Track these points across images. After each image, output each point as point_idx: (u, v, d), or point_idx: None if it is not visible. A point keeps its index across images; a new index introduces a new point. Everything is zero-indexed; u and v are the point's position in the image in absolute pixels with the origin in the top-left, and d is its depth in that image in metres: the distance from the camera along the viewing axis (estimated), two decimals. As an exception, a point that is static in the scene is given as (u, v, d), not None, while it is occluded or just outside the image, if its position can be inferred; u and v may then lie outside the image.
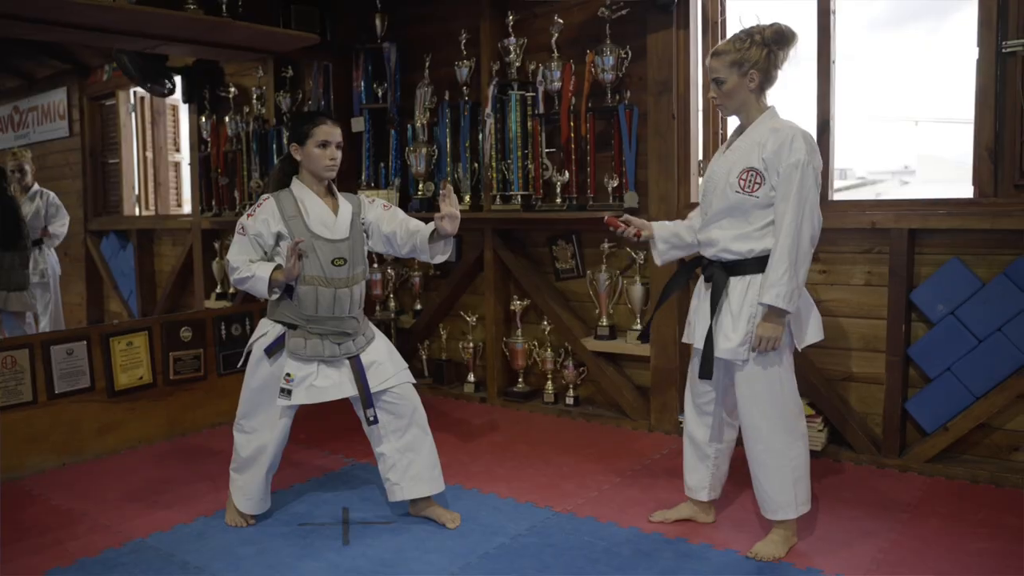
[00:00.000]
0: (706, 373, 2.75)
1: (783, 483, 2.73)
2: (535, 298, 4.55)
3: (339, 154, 2.94)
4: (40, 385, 3.76)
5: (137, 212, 7.11)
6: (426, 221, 2.97)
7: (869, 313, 3.65)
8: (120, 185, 7.12)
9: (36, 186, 5.75)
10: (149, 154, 7.05)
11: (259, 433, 3.02)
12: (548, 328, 4.51)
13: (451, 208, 2.83)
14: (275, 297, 2.89)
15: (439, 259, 2.99)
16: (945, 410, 3.47)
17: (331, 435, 4.12)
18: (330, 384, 2.92)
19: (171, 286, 6.52)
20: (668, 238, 2.98)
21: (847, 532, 2.91)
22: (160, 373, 4.20)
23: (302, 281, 2.85)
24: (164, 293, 6.61)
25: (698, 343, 2.81)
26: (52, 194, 5.76)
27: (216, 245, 6.11)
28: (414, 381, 3.05)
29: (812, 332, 2.81)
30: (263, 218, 2.86)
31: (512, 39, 4.38)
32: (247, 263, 2.85)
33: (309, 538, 2.93)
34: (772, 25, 2.66)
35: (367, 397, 2.92)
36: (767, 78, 2.68)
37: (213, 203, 5.96)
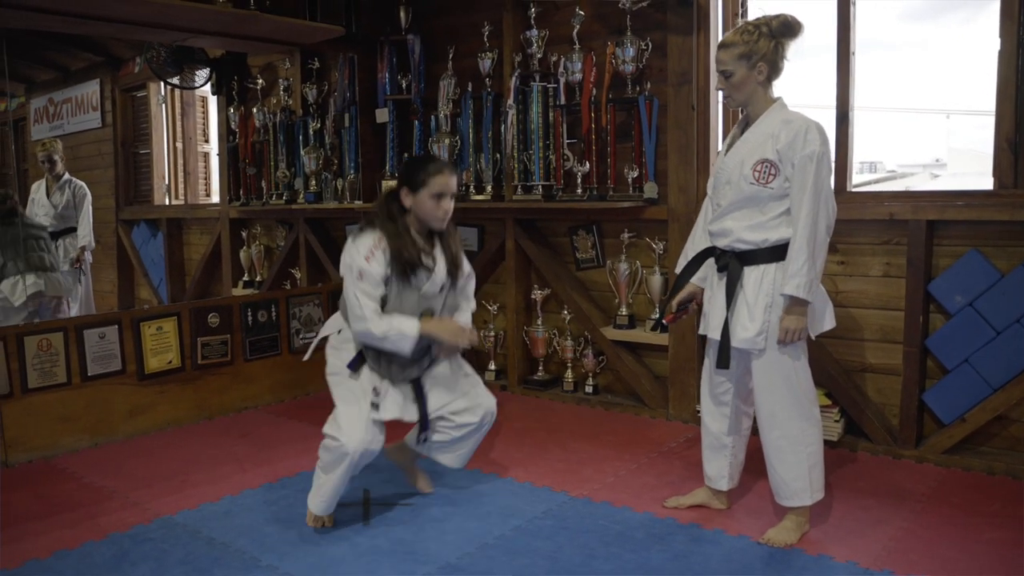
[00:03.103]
0: (723, 363, 2.79)
1: (799, 470, 2.77)
2: (555, 287, 4.60)
3: (452, 205, 2.86)
4: (74, 367, 3.88)
5: (167, 201, 7.24)
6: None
7: (887, 304, 3.66)
8: (151, 175, 7.26)
9: (66, 175, 5.89)
10: (179, 144, 7.18)
11: (343, 440, 2.84)
12: (568, 317, 4.56)
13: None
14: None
15: None
16: (962, 401, 3.47)
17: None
18: (400, 404, 2.93)
19: (200, 274, 6.65)
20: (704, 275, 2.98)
21: (860, 521, 2.94)
22: (188, 357, 4.30)
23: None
24: (193, 281, 6.74)
25: (714, 333, 2.84)
26: (81, 183, 5.91)
27: (243, 234, 6.23)
28: (488, 405, 3.06)
29: (826, 320, 2.83)
30: (382, 260, 2.79)
31: (534, 31, 4.43)
32: (377, 316, 2.77)
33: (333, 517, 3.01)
34: (779, 16, 2.67)
35: (424, 421, 2.95)
36: (774, 70, 2.71)
37: (241, 193, 6.06)
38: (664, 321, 3.15)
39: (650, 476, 3.41)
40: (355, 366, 2.92)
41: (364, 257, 2.77)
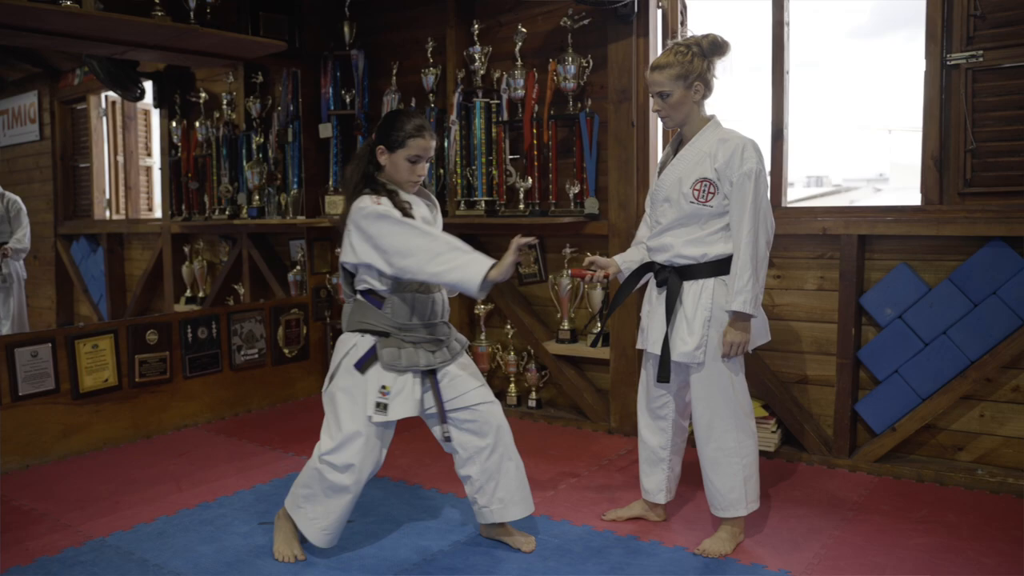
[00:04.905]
0: (664, 377, 2.82)
1: (734, 481, 2.81)
2: (498, 302, 4.62)
3: (426, 169, 2.75)
4: (3, 387, 3.78)
5: (108, 216, 7.10)
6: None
7: (822, 317, 3.75)
8: (91, 189, 7.10)
9: (0, 190, 5.77)
10: (120, 158, 7.05)
11: (354, 463, 2.68)
12: (511, 332, 4.58)
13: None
14: (482, 295, 2.61)
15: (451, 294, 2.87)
16: (893, 411, 3.57)
17: (294, 437, 4.18)
18: (416, 399, 2.71)
19: (141, 290, 6.53)
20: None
21: (793, 530, 3.00)
22: (126, 376, 4.22)
23: (397, 288, 2.67)
24: (134, 297, 6.62)
25: (653, 348, 2.87)
26: (16, 198, 5.78)
27: (186, 249, 6.14)
28: (492, 399, 2.84)
29: (761, 335, 2.89)
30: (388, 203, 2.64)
31: (477, 47, 4.46)
32: (444, 239, 2.57)
33: (268, 536, 2.96)
34: (707, 36, 2.74)
35: (442, 412, 2.74)
36: (708, 88, 2.77)
37: (183, 207, 5.99)
38: (570, 272, 3.14)
39: (590, 490, 3.43)
40: (363, 364, 2.68)
41: (374, 203, 2.62)
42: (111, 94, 6.09)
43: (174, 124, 6.01)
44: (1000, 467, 3.42)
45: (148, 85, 5.97)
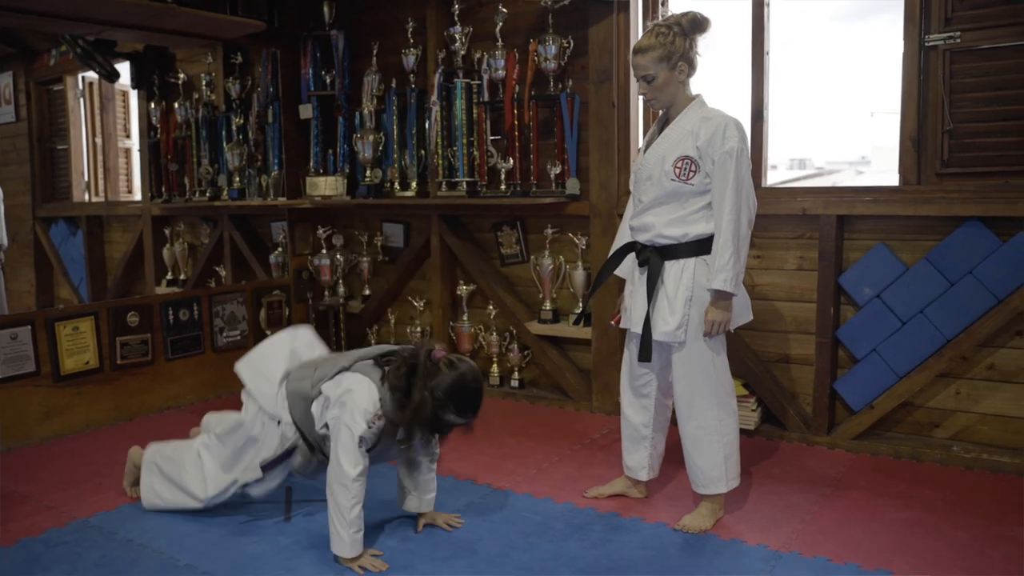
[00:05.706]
0: (645, 356, 2.84)
1: (714, 459, 2.85)
2: (480, 283, 4.63)
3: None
4: (-17, 370, 3.77)
5: (87, 198, 7.04)
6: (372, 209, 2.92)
7: (801, 296, 3.78)
8: (69, 171, 7.03)
9: None
10: (98, 140, 6.97)
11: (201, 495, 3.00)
12: (493, 312, 4.59)
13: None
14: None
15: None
16: (871, 389, 3.61)
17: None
18: (280, 482, 2.98)
19: (121, 273, 6.49)
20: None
21: (772, 506, 3.04)
22: (107, 358, 4.21)
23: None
24: (114, 280, 6.58)
25: (635, 327, 2.89)
26: None
27: (166, 231, 6.11)
28: None
29: (743, 314, 2.91)
30: (379, 430, 2.63)
31: (458, 27, 4.45)
32: (360, 488, 2.60)
33: (251, 515, 2.98)
34: (686, 14, 2.74)
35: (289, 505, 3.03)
36: (692, 67, 2.77)
37: (163, 189, 5.95)
38: (612, 322, 3.19)
39: (572, 467, 3.46)
40: (271, 467, 2.88)
41: (368, 422, 2.57)
42: (88, 74, 6.01)
43: (153, 105, 5.96)
44: (975, 443, 3.48)
45: (126, 66, 5.92)
